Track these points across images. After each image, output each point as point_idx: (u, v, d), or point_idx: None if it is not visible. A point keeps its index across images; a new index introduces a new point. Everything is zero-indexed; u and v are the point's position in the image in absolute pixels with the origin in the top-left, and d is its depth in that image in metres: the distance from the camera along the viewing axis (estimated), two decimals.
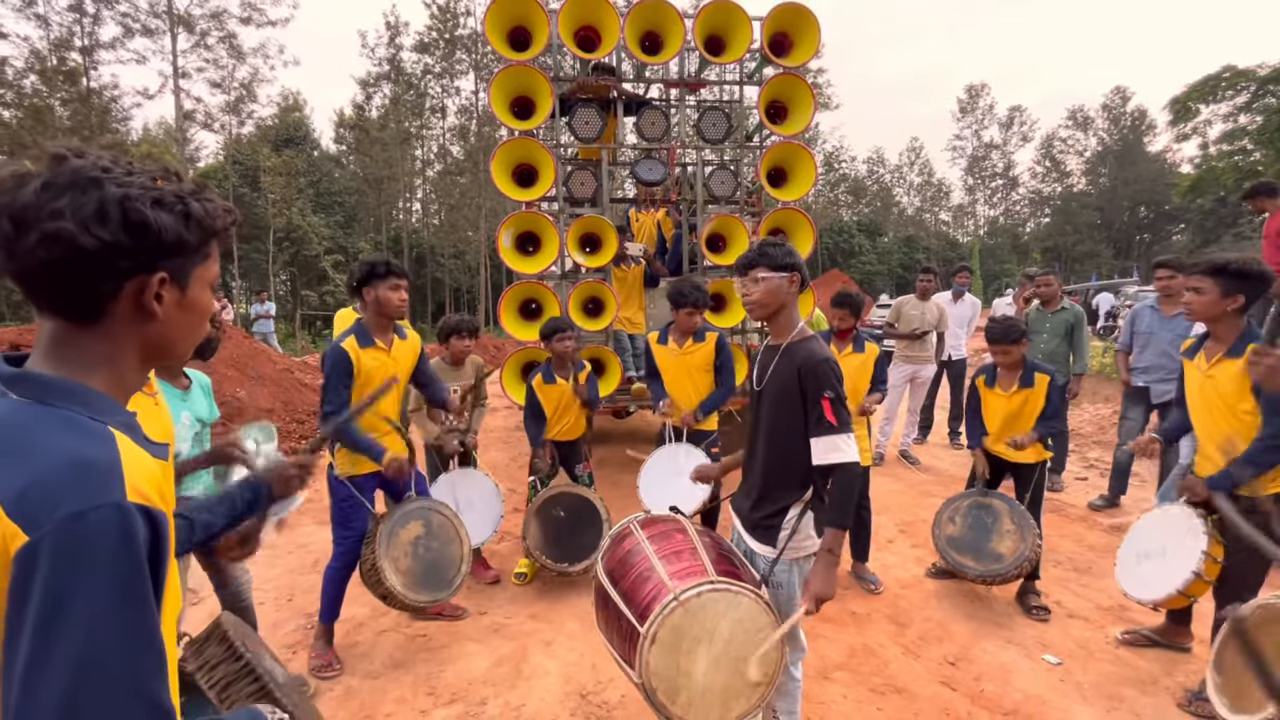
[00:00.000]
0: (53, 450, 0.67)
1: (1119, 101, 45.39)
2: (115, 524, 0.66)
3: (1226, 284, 2.41)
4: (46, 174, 0.70)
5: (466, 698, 2.64)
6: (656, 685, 1.68)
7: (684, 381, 3.66)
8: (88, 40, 21.97)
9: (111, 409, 0.75)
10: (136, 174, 0.74)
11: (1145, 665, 2.85)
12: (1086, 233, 43.34)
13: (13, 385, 0.72)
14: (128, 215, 0.71)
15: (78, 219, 0.68)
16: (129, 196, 0.71)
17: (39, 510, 0.64)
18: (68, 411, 0.71)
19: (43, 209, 0.68)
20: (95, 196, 0.70)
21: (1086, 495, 5.11)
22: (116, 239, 0.71)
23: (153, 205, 0.73)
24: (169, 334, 0.80)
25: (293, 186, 25.81)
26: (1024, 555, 3.14)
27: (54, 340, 0.75)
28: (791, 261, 1.94)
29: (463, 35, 31.45)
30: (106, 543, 0.65)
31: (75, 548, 0.63)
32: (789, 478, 1.94)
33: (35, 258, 0.68)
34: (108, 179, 0.71)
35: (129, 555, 0.66)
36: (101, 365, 0.76)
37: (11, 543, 0.63)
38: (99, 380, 0.75)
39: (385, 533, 2.78)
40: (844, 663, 2.89)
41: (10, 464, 0.66)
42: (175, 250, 0.76)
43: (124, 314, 0.75)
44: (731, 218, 5.05)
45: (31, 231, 0.68)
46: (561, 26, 4.69)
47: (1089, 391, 8.12)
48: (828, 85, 37.57)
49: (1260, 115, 20.99)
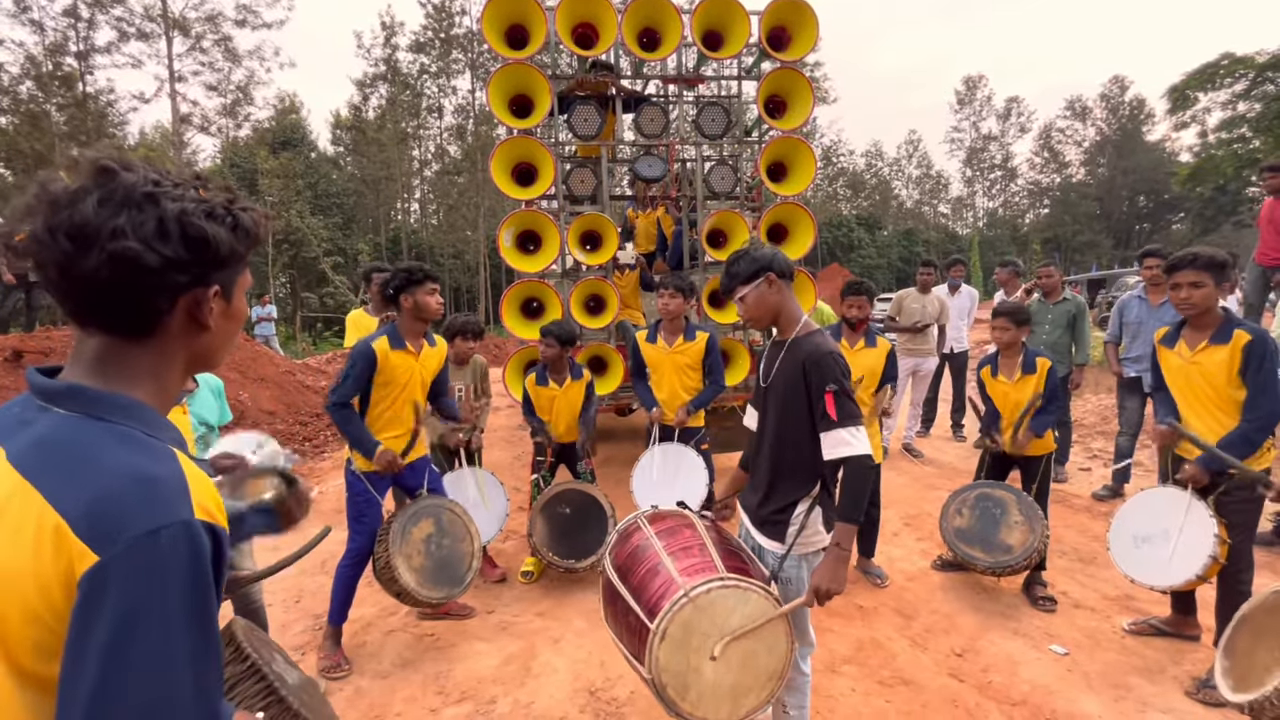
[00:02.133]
0: (118, 467, 0.66)
1: (1117, 91, 45.30)
2: (186, 542, 0.65)
3: (1218, 276, 2.52)
4: (98, 189, 0.68)
5: (476, 696, 2.65)
6: (666, 681, 1.68)
7: (671, 379, 3.67)
8: (83, 45, 21.98)
9: (164, 425, 0.75)
10: (182, 185, 0.74)
11: (1152, 654, 2.85)
12: (1086, 223, 43.26)
13: (56, 400, 0.70)
14: (186, 230, 0.71)
15: (140, 237, 0.68)
16: (185, 211, 0.71)
17: (109, 529, 0.62)
18: (123, 427, 0.70)
19: (103, 227, 0.67)
20: (154, 213, 0.69)
21: (1090, 486, 5.11)
22: (178, 255, 0.70)
23: (207, 218, 0.73)
24: (214, 344, 0.81)
25: (291, 189, 25.80)
26: (1033, 546, 3.14)
27: (101, 355, 0.73)
28: (759, 265, 1.92)
29: (458, 34, 31.39)
30: (178, 562, 0.64)
31: (148, 567, 0.63)
32: (797, 473, 1.93)
33: (98, 277, 0.67)
34: (161, 194, 0.70)
35: (199, 574, 0.66)
36: (148, 379, 0.75)
37: (79, 563, 0.62)
38: (144, 393, 0.75)
39: (398, 530, 2.82)
40: (852, 656, 2.89)
41: (72, 481, 0.65)
42: (228, 262, 0.77)
43: (177, 328, 0.75)
44: (732, 213, 5.04)
45: (93, 251, 0.66)
46: (559, 24, 4.68)
47: (1091, 383, 8.11)
48: (825, 79, 37.48)
49: (1259, 102, 20.92)
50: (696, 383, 3.70)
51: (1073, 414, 6.29)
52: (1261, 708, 1.68)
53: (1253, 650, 1.87)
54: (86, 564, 0.62)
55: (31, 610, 0.62)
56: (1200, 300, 2.52)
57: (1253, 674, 1.81)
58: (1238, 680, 1.86)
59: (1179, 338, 2.67)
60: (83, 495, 0.64)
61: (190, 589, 0.65)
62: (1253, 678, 1.80)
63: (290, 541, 1.57)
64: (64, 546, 0.62)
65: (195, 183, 0.76)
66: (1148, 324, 4.50)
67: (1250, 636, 1.92)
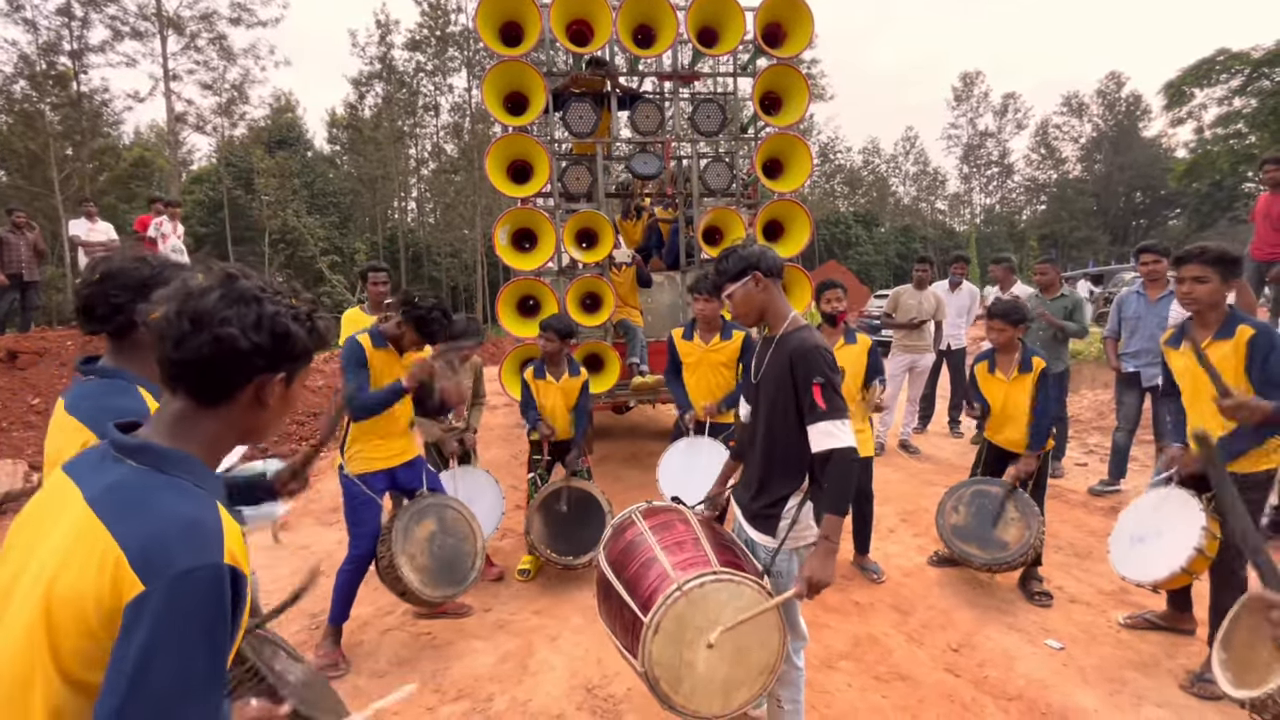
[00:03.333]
0: (170, 512, 0.80)
1: (1113, 87, 45.28)
2: (215, 582, 0.79)
3: (1225, 272, 2.46)
4: (222, 288, 0.87)
5: (473, 694, 2.65)
6: (660, 675, 1.69)
7: (706, 376, 3.67)
8: (77, 44, 21.87)
9: (212, 479, 0.90)
10: (281, 294, 0.94)
11: (1147, 648, 2.86)
12: (1083, 219, 43.28)
13: (131, 454, 0.86)
14: (276, 327, 0.90)
15: (241, 326, 0.86)
16: (280, 312, 0.90)
17: (157, 564, 0.76)
18: (179, 479, 0.85)
19: (216, 315, 0.85)
20: (255, 310, 0.88)
21: (1087, 480, 5.13)
22: (264, 344, 0.88)
23: (293, 320, 0.92)
24: (268, 421, 0.97)
25: (287, 188, 25.76)
26: (1029, 542, 3.15)
27: (178, 416, 0.90)
28: (746, 264, 1.93)
29: (454, 32, 31.31)
30: (207, 598, 0.78)
31: (182, 599, 0.76)
32: (788, 468, 1.94)
33: (200, 352, 0.85)
34: (265, 298, 0.90)
35: (220, 610, 0.79)
36: (208, 440, 0.91)
37: (129, 590, 0.75)
38: (203, 451, 0.91)
39: (400, 530, 2.81)
40: (848, 652, 2.90)
41: (134, 522, 0.79)
42: (297, 356, 0.94)
43: (244, 402, 0.91)
44: (728, 210, 5.04)
45: (204, 331, 0.84)
46: (553, 21, 4.67)
47: (1088, 378, 8.13)
48: (821, 76, 37.47)
49: (1255, 98, 20.98)
50: (728, 380, 3.69)
51: (1069, 409, 6.31)
52: (1264, 704, 1.67)
53: (1252, 644, 1.86)
54: (135, 592, 0.75)
55: (87, 626, 0.76)
56: (1203, 295, 2.48)
57: (1254, 669, 1.79)
58: (1237, 675, 1.85)
59: (1183, 339, 2.63)
60: (140, 534, 0.78)
61: (212, 622, 0.78)
62: (1254, 673, 1.78)
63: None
64: (121, 576, 0.76)
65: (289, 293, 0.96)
66: (1146, 319, 4.51)
67: (1249, 630, 1.90)
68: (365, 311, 4.24)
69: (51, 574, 0.77)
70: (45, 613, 0.76)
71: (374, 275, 4.41)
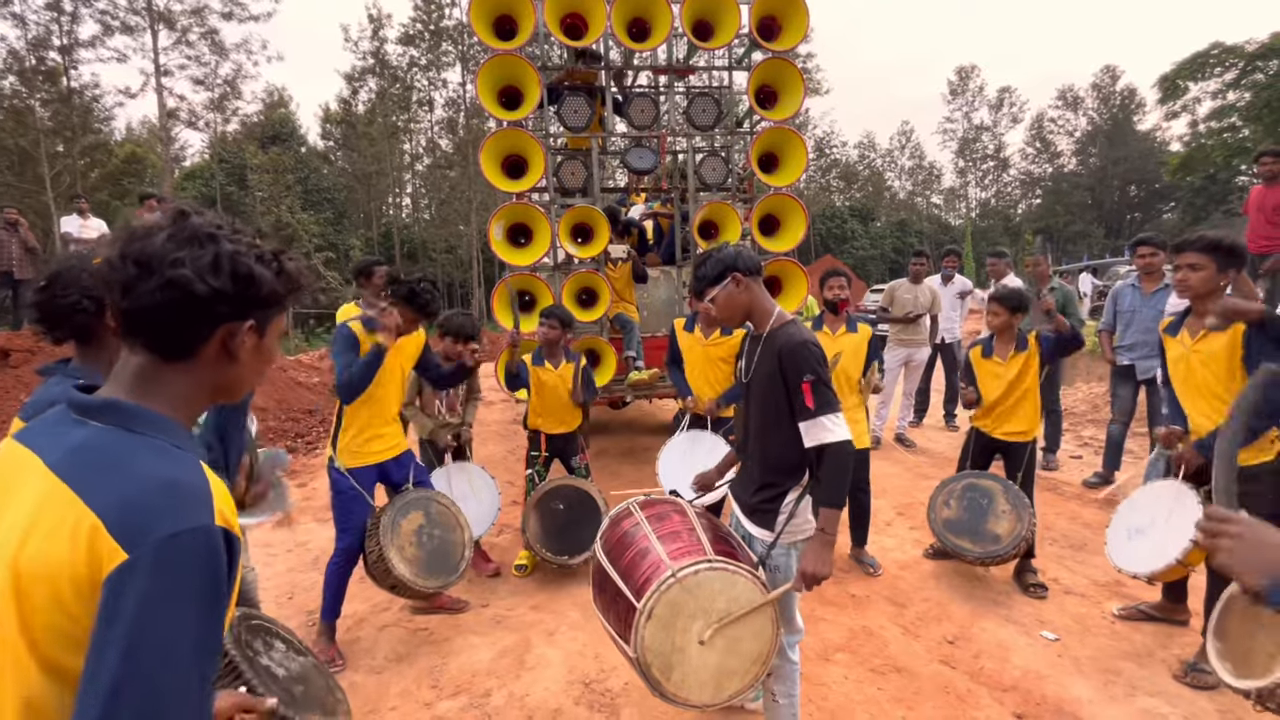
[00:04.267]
0: (150, 474, 0.73)
1: (1108, 80, 45.38)
2: (205, 545, 0.72)
3: (1222, 260, 2.45)
4: (171, 228, 0.79)
5: (471, 689, 2.66)
6: (651, 661, 1.70)
7: (705, 370, 3.67)
8: (66, 39, 21.62)
9: (190, 438, 0.83)
10: (242, 232, 0.85)
11: (1141, 639, 2.88)
12: (1078, 213, 43.41)
13: (93, 414, 0.78)
14: (237, 268, 0.81)
15: (196, 268, 0.78)
16: (239, 252, 0.81)
17: (139, 529, 0.69)
18: (155, 439, 0.77)
19: (166, 257, 0.77)
20: (211, 250, 0.79)
21: (1081, 473, 5.15)
22: (224, 287, 0.80)
23: (256, 260, 0.83)
24: (241, 376, 0.89)
25: (280, 184, 25.61)
26: (1020, 535, 3.16)
27: (140, 373, 0.81)
28: (723, 266, 1.94)
29: (448, 26, 31.12)
30: (197, 563, 0.71)
31: (169, 567, 0.69)
32: (784, 464, 1.94)
33: (152, 299, 0.76)
34: (222, 236, 0.81)
35: (214, 576, 0.73)
36: (178, 399, 0.83)
37: (110, 560, 0.68)
38: (174, 411, 0.83)
39: (388, 523, 2.82)
40: (844, 644, 2.91)
41: (108, 485, 0.71)
42: (266, 302, 0.86)
43: (210, 355, 0.83)
44: (723, 205, 5.03)
45: (154, 276, 0.76)
46: (547, 14, 4.64)
47: (1082, 371, 8.16)
48: (817, 70, 37.42)
49: (1249, 92, 21.03)
50: (727, 375, 3.69)
51: (1064, 402, 6.33)
52: (1272, 694, 1.65)
53: (1250, 633, 1.84)
54: (117, 561, 0.68)
55: (61, 601, 0.68)
56: (1197, 283, 2.49)
57: (1255, 659, 1.77)
58: (1237, 665, 1.82)
59: (1182, 326, 2.65)
60: (117, 498, 0.70)
61: (204, 588, 0.71)
62: (1256, 663, 1.75)
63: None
64: (98, 544, 0.68)
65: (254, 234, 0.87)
66: (1141, 312, 4.53)
67: (1242, 619, 1.89)
68: (362, 307, 4.22)
69: (15, 549, 0.69)
70: (14, 592, 0.69)
71: (378, 269, 4.43)
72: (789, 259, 5.07)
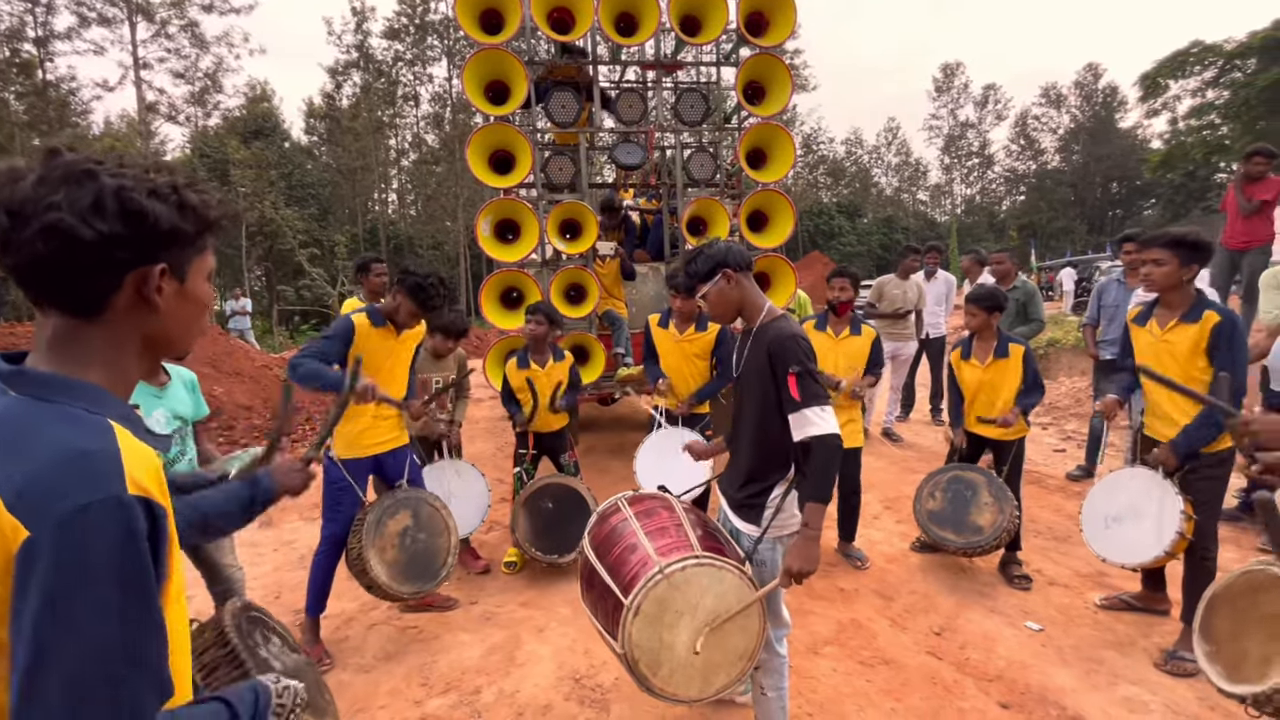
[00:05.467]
0: (52, 444, 0.67)
1: (1091, 78, 45.87)
2: (116, 516, 0.66)
3: (1185, 255, 2.54)
4: (41, 169, 0.71)
5: (460, 687, 2.65)
6: (639, 657, 1.70)
7: (680, 367, 3.66)
8: (41, 30, 21.19)
9: (109, 402, 0.76)
10: (129, 166, 0.75)
11: (1123, 628, 2.93)
12: (1061, 209, 43.92)
13: (10, 383, 0.72)
14: (124, 205, 0.72)
15: (75, 210, 0.69)
16: (124, 187, 0.72)
17: (40, 505, 0.64)
18: (66, 406, 0.71)
19: (39, 202, 0.68)
20: (91, 189, 0.70)
21: (1065, 466, 5.22)
22: (114, 230, 0.71)
23: (148, 195, 0.74)
24: (170, 327, 0.81)
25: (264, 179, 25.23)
26: (1002, 526, 3.20)
27: (55, 336, 0.75)
28: (713, 263, 1.94)
29: (434, 20, 30.82)
30: (108, 537, 0.66)
31: (78, 541, 0.64)
32: (772, 458, 1.94)
33: (34, 251, 0.69)
34: (102, 171, 0.72)
35: (131, 547, 0.67)
36: (101, 360, 0.76)
37: (13, 539, 0.64)
38: (97, 375, 0.76)
39: (372, 522, 2.78)
40: (833, 637, 2.93)
41: (10, 460, 0.66)
42: (172, 240, 0.77)
43: (125, 307, 0.76)
44: (712, 200, 5.03)
45: (30, 224, 0.68)
46: (534, 8, 4.61)
47: (1065, 365, 8.27)
48: (805, 66, 37.49)
49: (1227, 90, 21.36)
50: (702, 371, 3.69)
51: (1048, 396, 6.41)
52: (1269, 699, 1.65)
53: (1238, 636, 1.84)
54: (20, 539, 0.63)
55: None
56: (1160, 278, 2.58)
57: (1247, 664, 1.77)
58: (1228, 668, 1.82)
59: (1151, 317, 2.72)
60: (18, 473, 0.65)
61: (122, 563, 0.66)
62: (1248, 668, 1.76)
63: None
64: (2, 523, 0.64)
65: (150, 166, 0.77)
66: (1125, 307, 4.59)
67: (1230, 620, 1.88)
68: (363, 299, 4.22)
69: None
70: None
71: (376, 266, 4.41)
72: (777, 255, 5.09)
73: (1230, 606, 1.89)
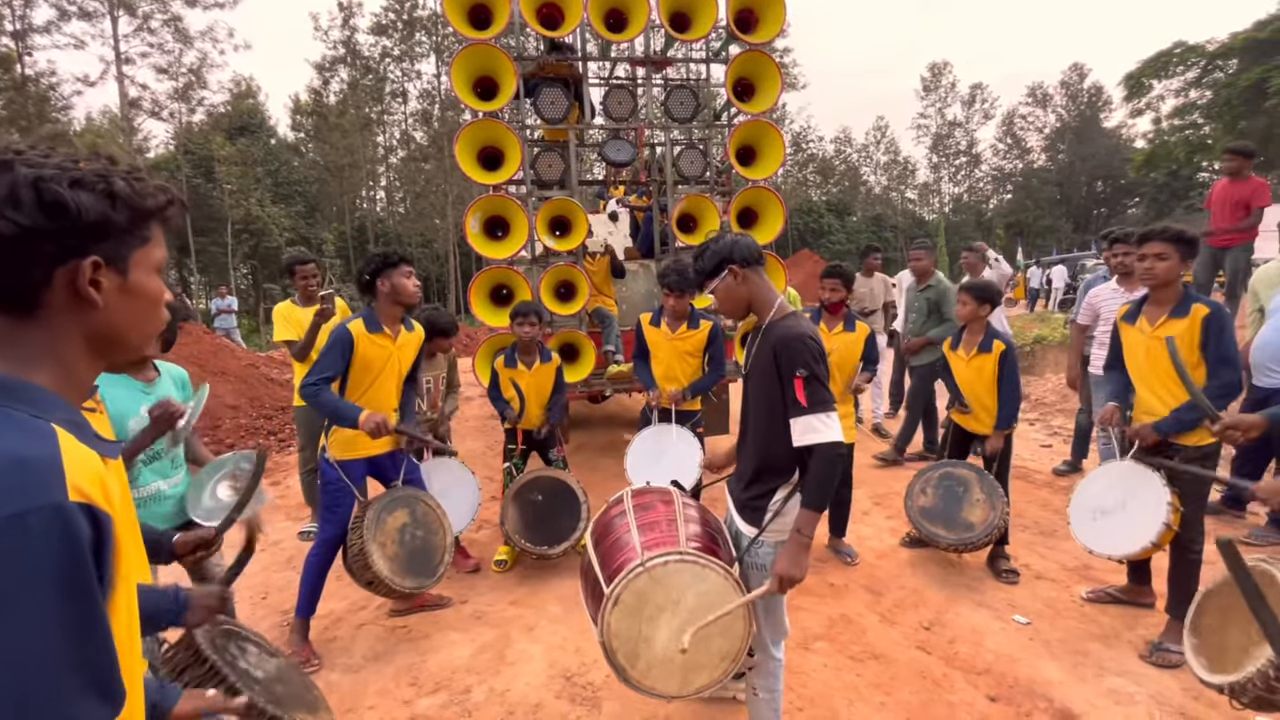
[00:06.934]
0: None
1: (1076, 78, 46.26)
2: (57, 526, 0.63)
3: (1184, 251, 2.56)
4: None
5: (450, 686, 2.63)
6: (616, 647, 1.71)
7: (672, 364, 3.66)
8: (19, 24, 20.81)
9: (54, 404, 0.72)
10: (54, 156, 0.71)
11: (1109, 621, 2.96)
12: (1047, 208, 44.31)
13: None
14: (42, 196, 0.68)
15: None
16: (42, 177, 0.68)
17: None
18: (8, 409, 0.67)
19: None
20: (6, 180, 0.67)
21: (1051, 462, 5.27)
22: (34, 222, 0.67)
23: (70, 185, 0.70)
24: (116, 323, 0.77)
25: (249, 176, 24.99)
26: (993, 523, 3.23)
27: None
28: (720, 260, 1.89)
29: (421, 16, 30.59)
30: (47, 546, 0.63)
31: (14, 551, 0.61)
32: (778, 460, 1.89)
33: None
34: (19, 161, 0.68)
35: (71, 556, 0.64)
36: (44, 360, 0.72)
37: None
38: (42, 376, 0.72)
39: (373, 518, 2.77)
40: (823, 633, 2.94)
41: None
42: (103, 232, 0.73)
43: (61, 304, 0.72)
44: (702, 197, 5.02)
45: None
46: (523, 4, 4.58)
47: (1052, 362, 8.35)
48: (794, 64, 37.59)
49: (1210, 90, 21.61)
50: (694, 368, 3.69)
51: (1034, 392, 6.47)
52: (1244, 688, 1.67)
53: (1222, 629, 1.86)
54: None
55: None
56: (1162, 272, 2.58)
57: (1227, 654, 1.78)
58: (1210, 660, 1.84)
59: (1140, 314, 2.74)
60: None
61: (61, 573, 0.63)
62: (1228, 658, 1.77)
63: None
64: None
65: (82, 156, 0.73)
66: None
67: (1217, 614, 1.90)
68: (296, 304, 4.05)
69: None
70: None
71: (301, 269, 4.05)
72: (767, 252, 5.09)
73: (1219, 602, 1.91)
